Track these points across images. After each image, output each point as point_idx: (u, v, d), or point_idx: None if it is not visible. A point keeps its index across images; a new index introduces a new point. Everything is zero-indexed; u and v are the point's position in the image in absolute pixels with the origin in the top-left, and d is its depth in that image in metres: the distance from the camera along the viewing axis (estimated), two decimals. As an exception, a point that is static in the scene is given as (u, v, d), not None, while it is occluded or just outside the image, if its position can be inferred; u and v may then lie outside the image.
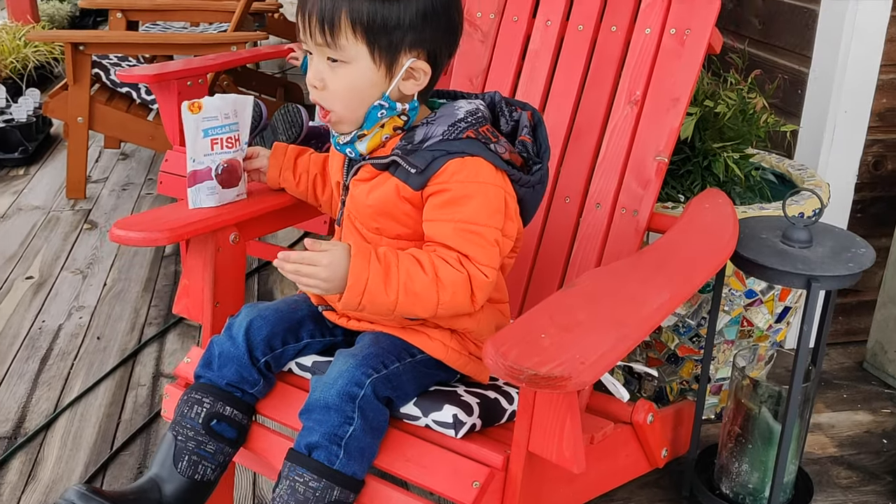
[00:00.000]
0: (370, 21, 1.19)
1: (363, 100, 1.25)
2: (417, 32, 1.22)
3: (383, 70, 1.23)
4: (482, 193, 1.22)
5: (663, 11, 1.65)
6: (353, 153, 1.29)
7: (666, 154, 1.61)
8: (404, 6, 1.20)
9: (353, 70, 1.23)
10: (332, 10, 1.19)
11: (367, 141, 1.27)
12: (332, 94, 1.25)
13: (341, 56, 1.22)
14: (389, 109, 1.25)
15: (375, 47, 1.21)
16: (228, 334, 1.35)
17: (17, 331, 2.44)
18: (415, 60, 1.24)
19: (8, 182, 3.67)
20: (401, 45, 1.22)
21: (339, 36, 1.20)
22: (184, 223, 1.44)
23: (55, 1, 6.56)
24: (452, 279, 1.19)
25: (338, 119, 1.27)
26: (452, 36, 1.29)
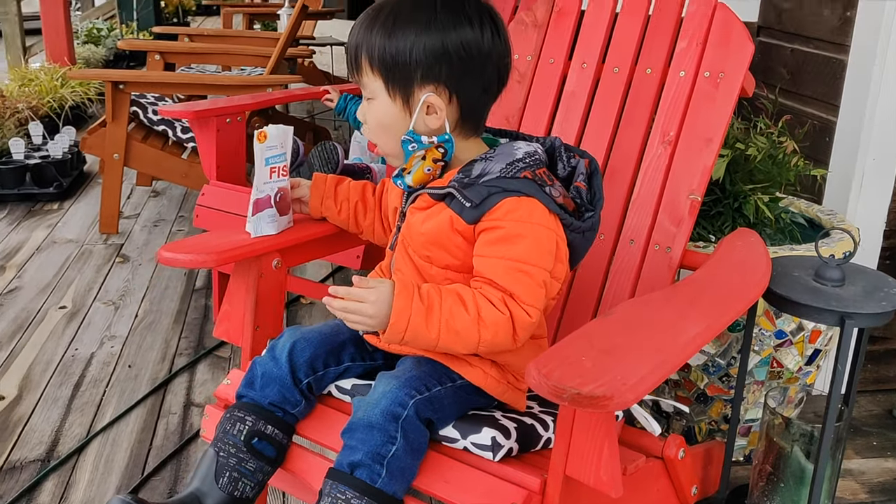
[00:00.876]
0: (381, 56, 1.26)
1: (392, 134, 1.31)
2: (427, 69, 1.26)
3: (400, 104, 1.28)
4: (534, 234, 1.25)
5: (697, 55, 1.70)
6: (404, 186, 1.34)
7: (699, 193, 1.64)
8: (413, 42, 1.25)
9: (377, 105, 1.30)
10: (355, 49, 1.28)
11: (412, 175, 1.32)
12: (369, 130, 1.33)
13: (367, 93, 1.30)
14: (418, 143, 1.29)
15: (389, 82, 1.27)
16: (272, 355, 1.38)
17: (50, 357, 2.48)
18: (430, 95, 1.27)
19: (43, 216, 3.75)
20: (412, 81, 1.27)
21: (363, 73, 1.29)
22: (230, 247, 1.48)
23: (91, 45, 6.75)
24: (494, 319, 1.22)
25: (382, 152, 1.34)
26: (477, 75, 1.30)
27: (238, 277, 1.56)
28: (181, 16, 9.66)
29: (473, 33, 1.28)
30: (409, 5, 1.28)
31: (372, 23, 1.27)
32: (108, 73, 3.29)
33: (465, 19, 1.27)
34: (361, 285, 1.22)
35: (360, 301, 1.21)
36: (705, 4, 1.72)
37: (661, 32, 1.77)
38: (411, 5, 1.27)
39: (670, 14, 1.77)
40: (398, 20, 1.26)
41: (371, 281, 1.23)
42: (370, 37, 1.27)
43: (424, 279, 1.35)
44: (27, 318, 2.74)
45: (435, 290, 1.23)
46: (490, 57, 1.30)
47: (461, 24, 1.27)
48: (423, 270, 1.35)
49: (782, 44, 2.44)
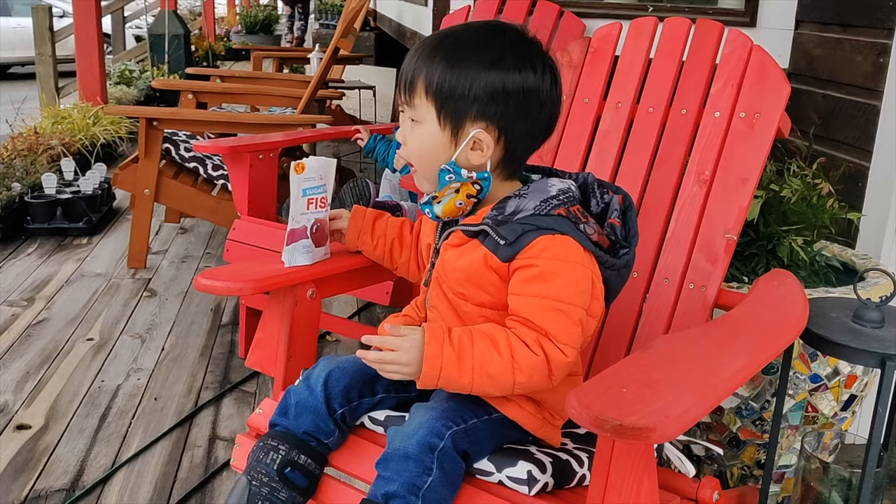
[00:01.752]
0: (440, 85, 1.26)
1: (432, 161, 1.31)
2: (483, 105, 1.27)
3: (448, 134, 1.29)
4: (569, 272, 1.25)
5: (733, 96, 1.71)
6: (431, 214, 1.34)
7: (735, 232, 1.64)
8: (474, 79, 1.26)
9: (423, 130, 1.30)
10: (413, 72, 1.29)
11: (442, 205, 1.32)
12: (409, 152, 1.34)
13: (415, 115, 1.30)
14: (456, 174, 1.30)
15: (442, 111, 1.27)
16: (306, 384, 1.38)
17: (77, 388, 2.49)
18: (480, 131, 1.28)
19: (72, 249, 3.79)
20: (466, 114, 1.27)
21: (415, 96, 1.29)
22: (266, 276, 1.49)
23: (122, 85, 6.87)
24: (529, 362, 1.21)
25: (416, 174, 1.35)
26: (529, 120, 1.30)
27: (273, 307, 1.57)
28: (211, 60, 9.83)
29: (535, 80, 1.29)
30: (476, 39, 1.29)
31: (435, 49, 1.28)
32: (142, 109, 3.35)
33: (529, 65, 1.28)
34: (394, 333, 1.24)
35: (393, 350, 1.23)
36: (741, 47, 1.74)
37: (697, 73, 1.79)
38: (479, 40, 1.29)
39: (705, 56, 1.79)
40: (463, 52, 1.27)
41: (403, 328, 1.25)
42: (432, 63, 1.27)
43: (459, 316, 1.35)
44: (55, 349, 2.76)
45: (466, 335, 1.23)
46: (545, 106, 1.31)
47: (525, 68, 1.28)
48: (457, 307, 1.35)
49: (814, 90, 2.45)
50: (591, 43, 1.93)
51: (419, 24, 3.85)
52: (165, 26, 7.91)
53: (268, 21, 13.43)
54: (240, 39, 12.54)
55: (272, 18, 13.68)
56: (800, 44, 2.52)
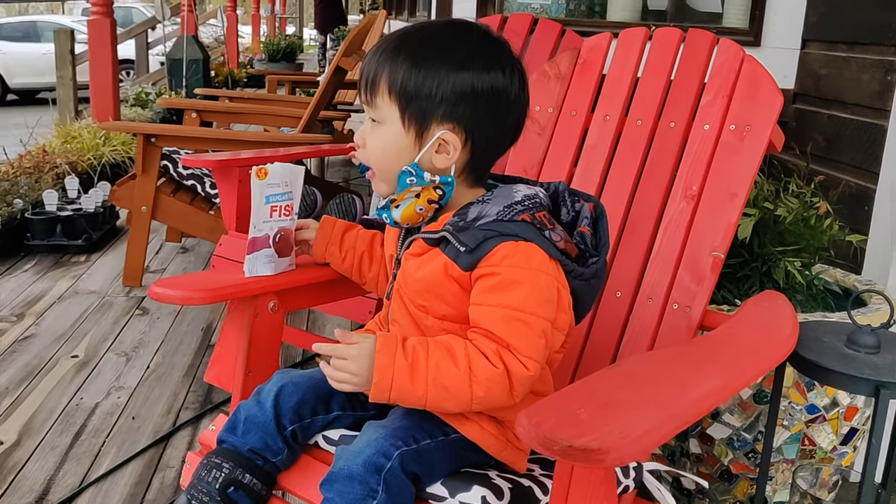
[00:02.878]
0: (404, 85, 1.19)
1: (393, 163, 1.23)
2: (451, 106, 1.20)
3: (412, 135, 1.21)
4: (533, 280, 1.17)
5: (723, 108, 1.63)
6: (389, 220, 1.26)
7: (722, 250, 1.55)
8: (442, 78, 1.19)
9: (385, 131, 1.22)
10: (375, 71, 1.22)
11: (401, 210, 1.24)
12: (368, 153, 1.26)
13: (377, 115, 1.23)
14: (417, 177, 1.22)
15: (406, 111, 1.20)
16: (257, 399, 1.30)
17: (54, 406, 2.42)
18: (446, 132, 1.21)
19: (69, 267, 3.75)
20: (432, 115, 1.20)
21: (377, 95, 1.21)
22: (223, 285, 1.42)
23: (138, 107, 6.90)
24: (487, 374, 1.13)
25: (375, 178, 1.27)
26: (497, 123, 1.24)
27: (232, 319, 1.49)
28: (230, 86, 9.88)
29: (504, 81, 1.22)
30: (442, 38, 1.23)
31: (399, 47, 1.21)
32: (139, 126, 3.32)
33: (498, 65, 1.22)
34: (345, 339, 1.17)
35: (342, 358, 1.15)
36: (732, 57, 1.66)
37: (686, 86, 1.71)
38: (445, 38, 1.22)
39: (696, 67, 1.71)
40: (430, 51, 1.20)
41: (355, 336, 1.18)
42: (396, 61, 1.20)
43: (421, 330, 1.27)
44: (38, 365, 2.70)
45: (421, 345, 1.15)
46: (513, 108, 1.25)
47: (494, 69, 1.22)
48: (419, 321, 1.27)
49: (819, 110, 2.36)
50: (580, 54, 1.86)
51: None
52: (184, 50, 7.96)
53: (290, 49, 13.53)
54: (262, 66, 12.63)
55: (295, 47, 13.79)
56: (806, 63, 2.43)
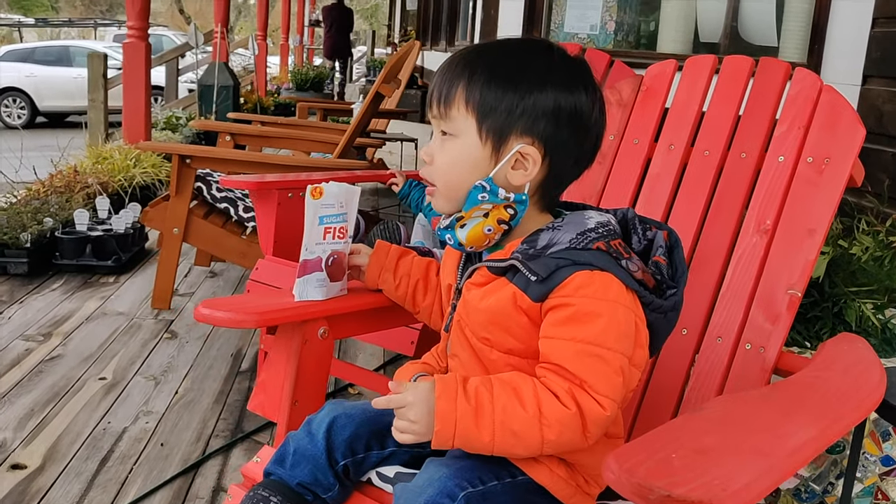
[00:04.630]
0: (483, 97, 1.13)
1: (465, 178, 1.16)
2: (532, 121, 1.14)
3: (489, 149, 1.14)
4: (610, 313, 1.08)
5: (800, 139, 1.55)
6: (452, 240, 1.18)
7: (799, 288, 1.46)
8: (524, 92, 1.13)
9: (459, 144, 1.16)
10: (450, 83, 1.15)
11: (468, 229, 1.16)
12: (437, 168, 1.18)
13: (450, 128, 1.16)
14: (491, 193, 1.15)
15: (484, 123, 1.14)
16: (307, 430, 1.22)
17: (81, 429, 2.35)
18: (525, 146, 1.14)
19: (98, 287, 3.70)
20: (511, 128, 1.14)
21: (452, 107, 1.15)
22: (273, 309, 1.35)
23: (168, 131, 6.91)
24: (559, 416, 1.05)
25: (437, 194, 1.19)
26: (577, 144, 1.17)
27: (279, 345, 1.42)
28: (259, 112, 9.90)
29: (585, 102, 1.16)
30: (522, 52, 1.17)
31: (475, 60, 1.15)
32: (175, 146, 3.28)
33: (581, 85, 1.16)
34: (397, 390, 1.09)
35: (400, 406, 1.07)
36: (809, 87, 1.58)
37: (758, 115, 1.64)
38: (525, 53, 1.17)
39: (769, 97, 1.64)
40: (510, 64, 1.15)
41: (406, 384, 1.10)
42: (474, 74, 1.14)
43: (483, 364, 1.19)
44: (64, 386, 2.63)
45: (485, 386, 1.07)
46: (592, 131, 1.18)
47: (577, 88, 1.16)
48: (481, 355, 1.18)
49: (883, 148, 2.28)
50: (643, 81, 1.79)
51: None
52: (215, 77, 7.99)
53: (318, 79, 13.60)
54: (289, 95, 12.70)
55: (323, 76, 13.86)
56: (868, 99, 2.35)
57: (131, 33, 5.86)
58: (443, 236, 1.20)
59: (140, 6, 5.81)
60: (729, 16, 2.69)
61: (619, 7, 2.91)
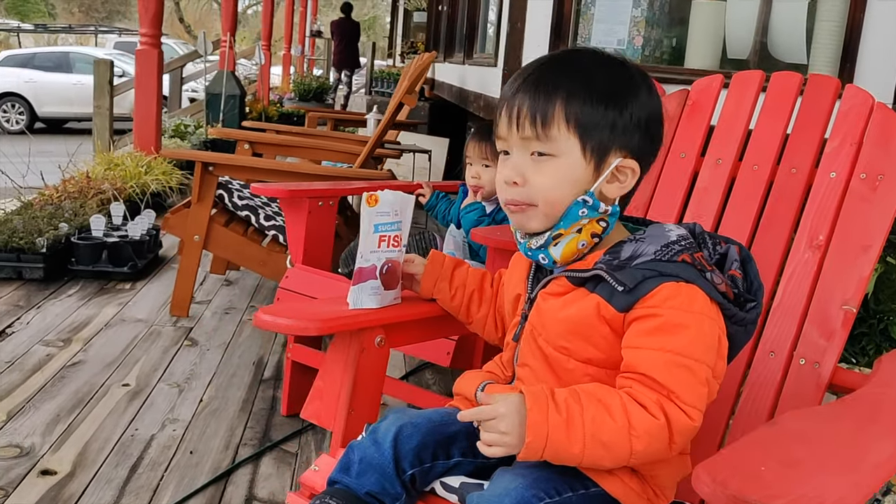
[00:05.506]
0: (586, 114, 1.14)
1: (567, 196, 1.16)
2: (629, 134, 1.17)
3: (592, 166, 1.16)
4: (697, 324, 1.09)
5: (852, 155, 1.56)
6: (547, 260, 1.19)
7: (854, 304, 1.46)
8: (622, 106, 1.16)
9: (560, 163, 1.15)
10: (545, 104, 1.14)
11: (563, 246, 1.17)
12: (534, 189, 1.17)
13: (549, 149, 1.15)
14: (591, 208, 1.16)
15: (588, 143, 1.15)
16: (373, 439, 1.21)
17: (108, 435, 2.34)
18: (623, 159, 1.17)
19: (114, 294, 3.69)
20: (613, 143, 1.16)
21: (551, 127, 1.14)
22: (333, 316, 1.35)
23: (177, 139, 6.90)
24: (647, 427, 1.05)
25: (527, 212, 1.18)
26: (656, 151, 1.23)
27: (336, 353, 1.41)
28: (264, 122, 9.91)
29: (660, 107, 1.21)
30: (600, 63, 1.18)
31: (563, 76, 1.15)
32: (199, 153, 3.28)
33: (654, 90, 1.21)
34: (486, 401, 1.08)
35: (490, 418, 1.06)
36: (861, 104, 1.59)
37: (809, 131, 1.64)
38: (603, 63, 1.18)
39: (819, 112, 1.64)
40: (599, 78, 1.16)
41: (496, 395, 1.09)
42: (571, 92, 1.14)
43: (557, 374, 1.19)
44: (88, 392, 2.62)
45: (573, 397, 1.07)
46: (662, 139, 1.23)
47: (653, 94, 1.20)
48: (556, 364, 1.19)
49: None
50: (689, 95, 1.80)
51: (485, 87, 3.78)
52: (223, 85, 8.00)
53: (321, 90, 13.61)
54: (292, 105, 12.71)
55: (325, 88, 13.88)
56: (900, 118, 2.37)
57: (144, 40, 5.86)
58: (535, 256, 1.20)
59: (153, 13, 5.82)
60: (759, 32, 2.70)
61: (648, 22, 2.92)
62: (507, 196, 1.19)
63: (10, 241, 3.75)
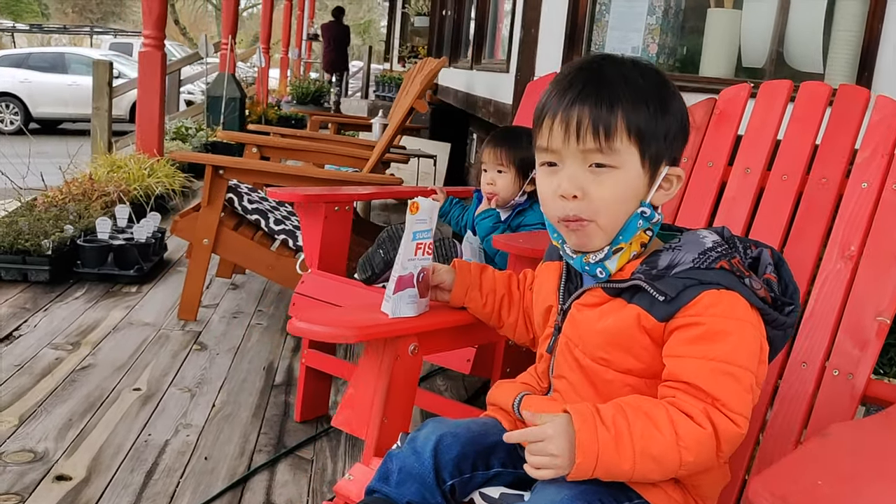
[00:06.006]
0: (646, 125, 1.14)
1: (627, 209, 1.16)
2: (677, 140, 1.19)
3: (647, 177, 1.16)
4: (740, 331, 1.09)
5: (884, 166, 1.56)
6: (604, 273, 1.18)
7: (889, 315, 1.46)
8: (671, 118, 1.16)
9: (621, 175, 1.14)
10: (608, 114, 1.13)
11: (618, 259, 1.17)
12: (596, 203, 1.14)
13: (612, 161, 1.14)
14: (647, 219, 1.16)
15: (647, 153, 1.15)
16: (412, 448, 1.20)
17: (122, 441, 2.32)
18: (671, 168, 1.18)
19: (121, 297, 3.67)
20: (665, 154, 1.17)
21: (615, 139, 1.13)
22: (372, 323, 1.34)
23: (178, 141, 6.88)
24: (696, 437, 1.04)
25: (595, 229, 1.16)
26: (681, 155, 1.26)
27: (370, 360, 1.40)
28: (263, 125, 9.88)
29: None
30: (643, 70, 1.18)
31: (615, 85, 1.14)
32: (209, 157, 3.26)
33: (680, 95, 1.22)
34: (534, 422, 1.07)
35: (539, 440, 1.05)
36: (891, 115, 1.59)
37: (839, 141, 1.64)
38: (646, 71, 1.18)
39: (849, 123, 1.64)
40: (649, 86, 1.16)
41: (543, 416, 1.07)
42: (631, 102, 1.13)
43: (595, 386, 1.18)
44: (100, 396, 2.60)
45: (619, 413, 1.06)
46: None
47: (682, 99, 1.22)
48: (595, 376, 1.18)
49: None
50: (716, 104, 1.79)
51: (495, 92, 3.77)
52: (224, 88, 7.98)
53: (319, 94, 13.61)
54: (290, 108, 12.70)
55: (323, 91, 13.87)
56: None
57: (148, 42, 5.84)
58: (593, 271, 1.18)
59: (157, 15, 5.80)
60: (774, 42, 2.70)
61: (662, 30, 2.92)
62: (566, 212, 1.16)
63: (15, 242, 3.72)
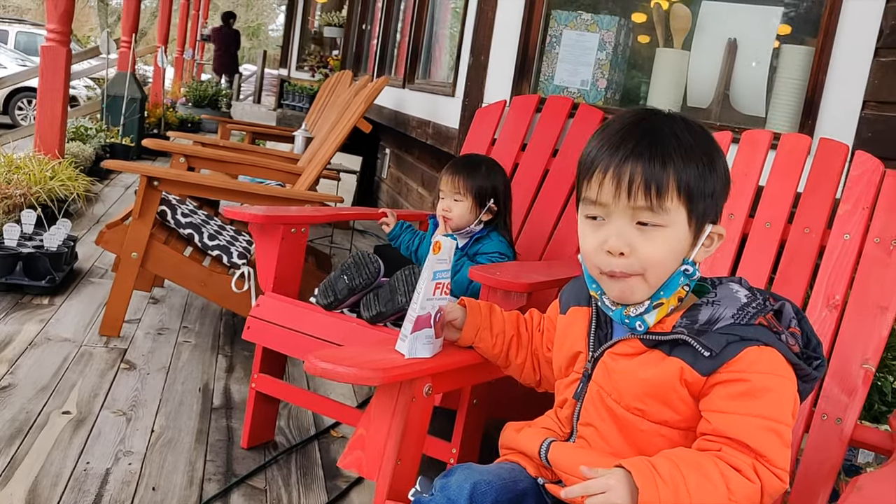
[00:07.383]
0: (695, 184, 1.16)
1: (672, 266, 1.18)
2: (720, 203, 1.21)
3: (692, 235, 1.18)
4: (781, 388, 1.13)
5: (864, 219, 1.64)
6: (643, 326, 1.19)
7: (873, 362, 1.54)
8: (717, 176, 1.19)
9: (669, 234, 1.16)
10: (660, 173, 1.14)
11: (657, 313, 1.19)
12: (645, 259, 1.16)
13: (660, 220, 1.15)
14: (689, 276, 1.18)
15: (695, 211, 1.17)
16: (446, 496, 1.18)
17: (59, 470, 2.18)
18: (714, 227, 1.20)
19: (33, 309, 3.45)
20: (710, 211, 1.19)
21: (665, 199, 1.14)
22: (394, 365, 1.30)
23: (78, 142, 6.55)
24: (746, 492, 1.07)
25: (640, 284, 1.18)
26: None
27: (384, 402, 1.37)
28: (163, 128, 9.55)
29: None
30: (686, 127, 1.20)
31: (661, 142, 1.15)
32: (144, 167, 3.12)
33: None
34: (593, 475, 1.08)
35: (601, 492, 1.05)
36: (871, 170, 1.68)
37: (820, 192, 1.72)
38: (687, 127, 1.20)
39: (830, 176, 1.73)
40: (694, 143, 1.17)
41: (598, 470, 1.08)
42: (681, 161, 1.15)
43: (627, 435, 1.19)
44: (26, 420, 2.43)
45: (673, 467, 1.07)
46: None
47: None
48: (628, 425, 1.19)
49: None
50: (699, 149, 1.84)
51: (434, 114, 3.76)
52: (125, 88, 7.66)
53: (216, 97, 13.27)
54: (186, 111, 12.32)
55: (220, 94, 13.53)
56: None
57: (51, 37, 5.55)
58: (633, 324, 1.19)
59: (63, 9, 5.52)
60: (721, 83, 2.81)
61: (612, 66, 2.99)
62: (611, 267, 1.17)
63: (-87, 247, 3.45)
